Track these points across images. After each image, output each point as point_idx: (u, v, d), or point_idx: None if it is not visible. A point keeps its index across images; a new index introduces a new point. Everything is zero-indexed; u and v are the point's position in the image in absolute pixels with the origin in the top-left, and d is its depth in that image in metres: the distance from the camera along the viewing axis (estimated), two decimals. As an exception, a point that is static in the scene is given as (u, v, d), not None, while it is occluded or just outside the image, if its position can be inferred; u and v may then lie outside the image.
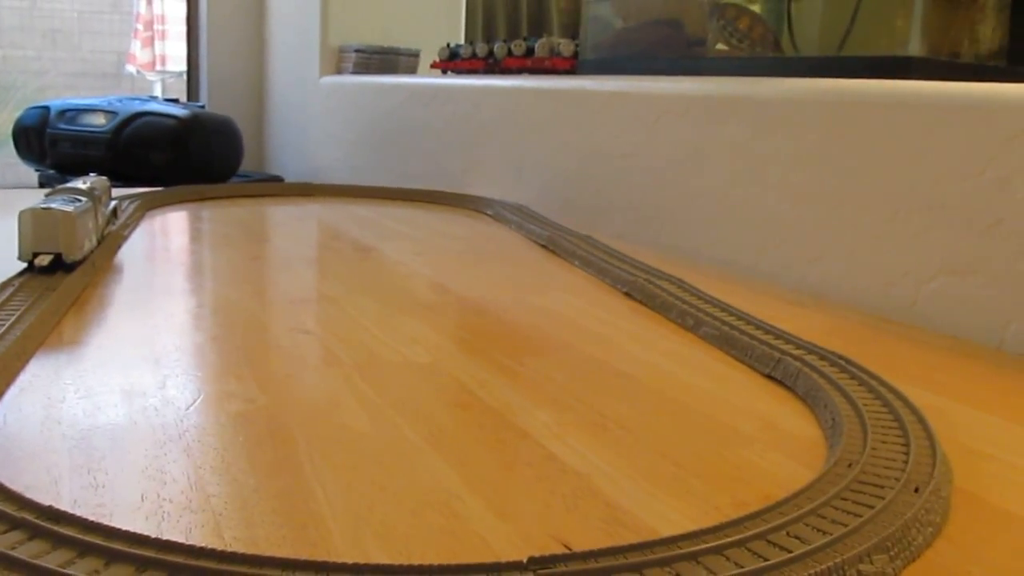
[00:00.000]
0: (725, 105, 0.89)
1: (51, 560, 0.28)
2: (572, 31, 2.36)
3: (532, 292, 0.75)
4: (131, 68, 4.39)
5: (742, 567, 0.29)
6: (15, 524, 0.30)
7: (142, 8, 4.20)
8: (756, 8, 1.04)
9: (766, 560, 0.30)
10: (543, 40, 1.32)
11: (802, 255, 0.80)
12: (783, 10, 1.01)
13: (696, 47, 1.09)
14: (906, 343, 0.64)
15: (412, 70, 1.93)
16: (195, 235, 0.99)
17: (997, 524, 0.37)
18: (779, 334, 0.59)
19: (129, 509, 0.34)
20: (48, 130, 1.99)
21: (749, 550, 0.31)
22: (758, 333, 0.60)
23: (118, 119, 1.92)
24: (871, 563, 0.31)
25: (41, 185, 2.01)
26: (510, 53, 1.36)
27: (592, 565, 0.29)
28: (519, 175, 1.22)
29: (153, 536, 0.30)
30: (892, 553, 0.32)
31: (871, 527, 0.33)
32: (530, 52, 1.33)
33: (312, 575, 0.28)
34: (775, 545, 0.31)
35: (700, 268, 0.86)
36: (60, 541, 0.29)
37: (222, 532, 0.32)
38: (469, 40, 1.98)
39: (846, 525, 0.33)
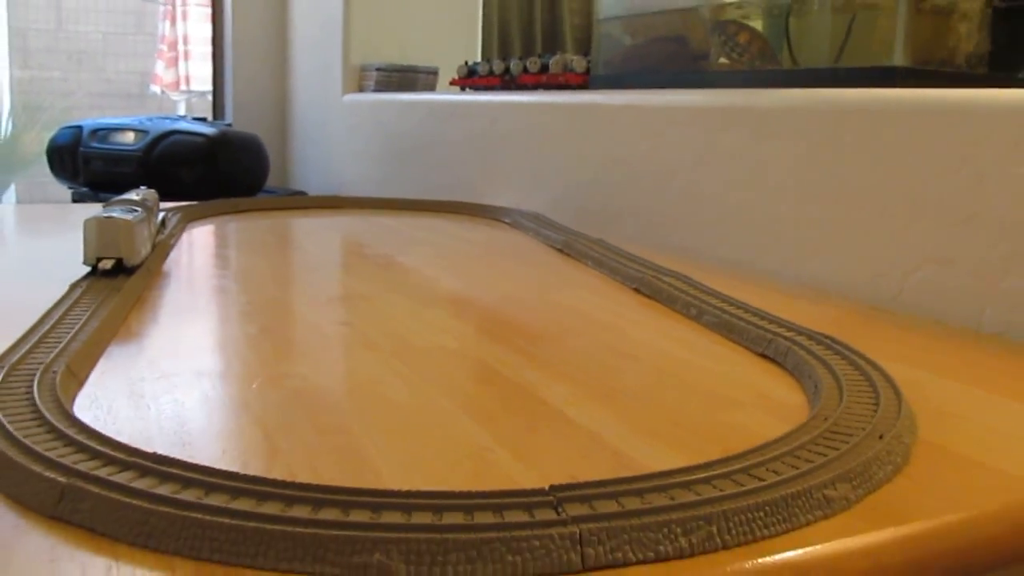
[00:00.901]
0: (726, 115, 0.95)
1: (162, 490, 0.35)
2: (584, 48, 2.44)
3: (549, 289, 0.82)
4: (155, 88, 4.49)
5: (724, 491, 0.36)
6: (127, 466, 0.37)
7: (166, 30, 4.30)
8: (756, 24, 1.11)
9: (744, 487, 0.36)
10: (557, 57, 1.39)
11: (799, 251, 0.86)
12: (782, 26, 1.07)
13: (700, 61, 1.16)
14: (891, 327, 0.70)
15: (431, 87, 2.01)
16: (235, 243, 1.06)
17: (955, 466, 0.43)
18: (773, 319, 0.66)
19: (213, 460, 0.41)
20: (81, 149, 2.06)
21: (733, 480, 0.37)
22: (754, 319, 0.66)
23: (149, 137, 1.99)
24: (835, 489, 0.38)
25: (75, 202, 2.08)
26: (525, 70, 1.43)
27: (601, 490, 0.35)
28: (535, 185, 1.29)
29: (241, 473, 0.36)
30: (855, 483, 0.39)
31: (837, 463, 0.39)
32: (544, 68, 1.40)
33: (370, 500, 0.34)
34: (755, 477, 0.38)
35: (705, 266, 0.92)
36: (166, 477, 0.36)
37: (295, 476, 0.39)
38: (486, 58, 2.06)
39: (815, 463, 0.39)
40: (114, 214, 0.76)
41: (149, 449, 0.40)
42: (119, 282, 0.72)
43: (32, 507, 0.35)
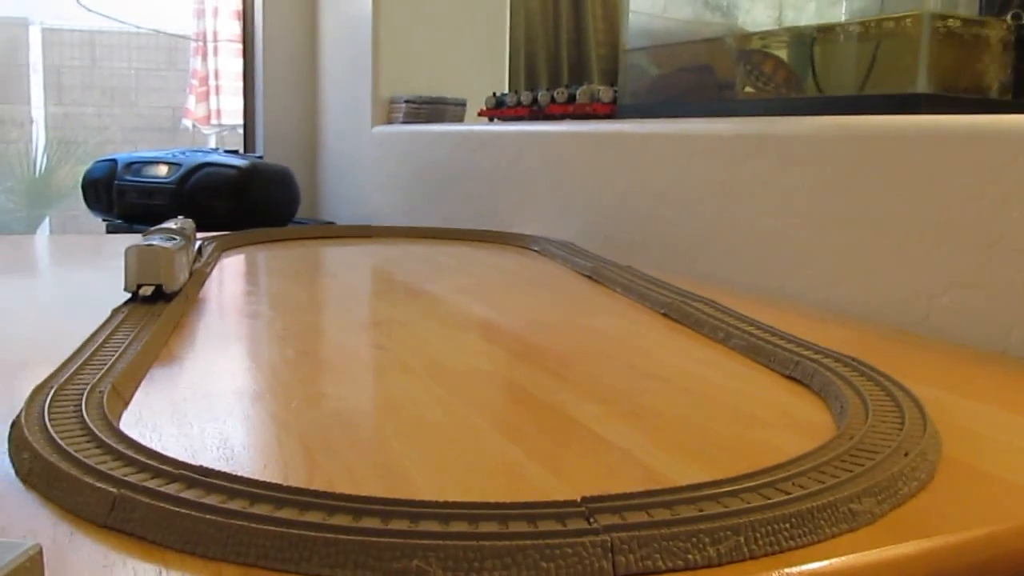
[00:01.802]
0: (752, 143, 0.97)
1: (209, 500, 0.36)
2: (610, 78, 2.46)
3: (578, 314, 0.83)
4: (187, 122, 4.55)
5: (751, 504, 0.37)
6: (175, 478, 0.39)
7: (198, 64, 4.37)
8: (782, 53, 1.12)
9: (771, 500, 0.37)
10: (584, 87, 1.41)
11: (824, 277, 0.87)
12: (807, 54, 1.09)
13: (726, 90, 1.17)
14: (917, 350, 0.71)
15: (459, 118, 2.03)
16: (269, 271, 1.08)
17: (980, 483, 0.44)
18: (800, 342, 0.67)
19: (255, 474, 0.42)
20: (116, 182, 2.10)
21: (760, 493, 0.38)
22: (781, 342, 0.67)
23: (182, 170, 2.03)
24: (860, 503, 0.38)
25: (109, 233, 2.12)
26: (553, 100, 1.45)
27: (632, 501, 0.36)
28: (563, 213, 1.31)
29: (284, 484, 0.38)
30: (880, 498, 0.39)
31: (862, 478, 0.40)
32: (572, 99, 1.42)
33: (409, 509, 0.35)
34: (781, 491, 0.39)
35: (732, 292, 0.93)
36: (213, 488, 0.37)
37: (334, 488, 0.40)
38: (513, 89, 2.08)
39: (841, 478, 0.40)
40: (154, 242, 0.78)
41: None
42: (158, 308, 0.74)
43: (85, 517, 0.37)
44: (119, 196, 2.08)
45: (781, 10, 1.14)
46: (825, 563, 0.35)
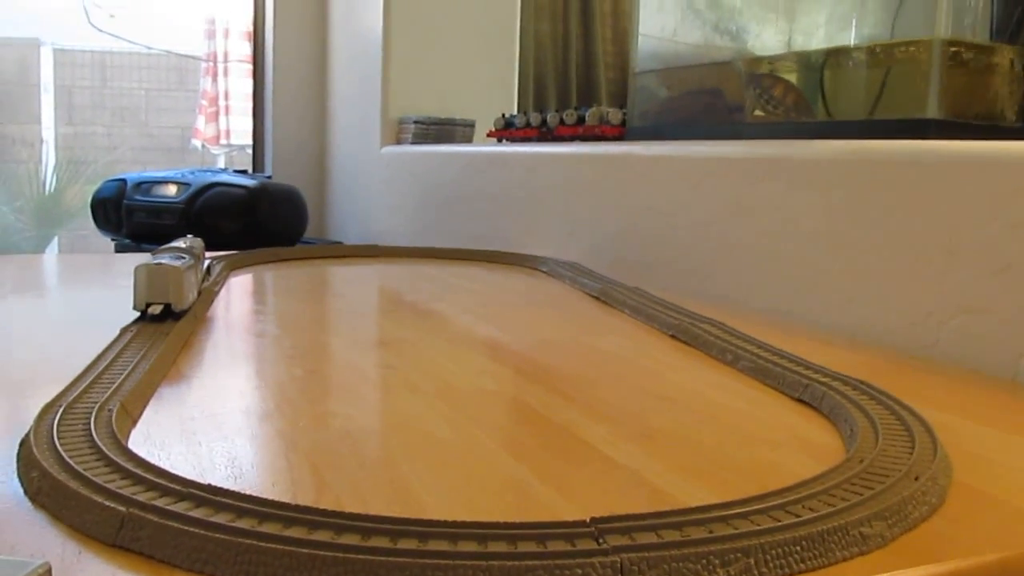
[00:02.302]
0: (762, 166, 0.97)
1: (217, 519, 0.36)
2: (619, 101, 2.47)
3: (586, 335, 0.83)
4: (196, 142, 4.57)
5: (761, 526, 0.37)
6: (183, 496, 0.38)
7: (207, 85, 4.39)
8: (791, 77, 1.12)
9: (781, 522, 0.37)
10: (593, 109, 1.41)
11: (834, 300, 0.87)
12: (817, 78, 1.09)
13: (735, 113, 1.17)
14: (926, 374, 0.71)
15: (468, 139, 2.04)
16: (277, 291, 1.08)
17: (991, 508, 0.44)
18: (809, 365, 0.67)
19: (263, 493, 0.42)
20: (125, 201, 2.10)
21: (770, 516, 0.38)
22: (790, 365, 0.67)
23: (191, 190, 2.03)
24: (871, 527, 0.38)
25: (118, 253, 2.12)
26: (562, 122, 1.45)
27: (641, 522, 0.36)
28: (572, 235, 1.31)
29: (293, 503, 0.38)
30: (890, 522, 0.39)
31: (873, 502, 0.40)
32: (581, 120, 1.42)
33: (417, 529, 0.35)
34: (791, 513, 0.39)
35: (741, 315, 0.93)
36: (221, 507, 0.37)
37: (343, 508, 0.40)
38: (522, 110, 2.09)
39: (851, 502, 0.40)
40: (163, 261, 0.78)
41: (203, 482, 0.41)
42: (167, 326, 0.75)
43: (94, 536, 0.37)
44: (128, 216, 2.08)
45: (791, 34, 1.14)
46: (836, 587, 0.35)
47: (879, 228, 0.83)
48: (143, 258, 0.80)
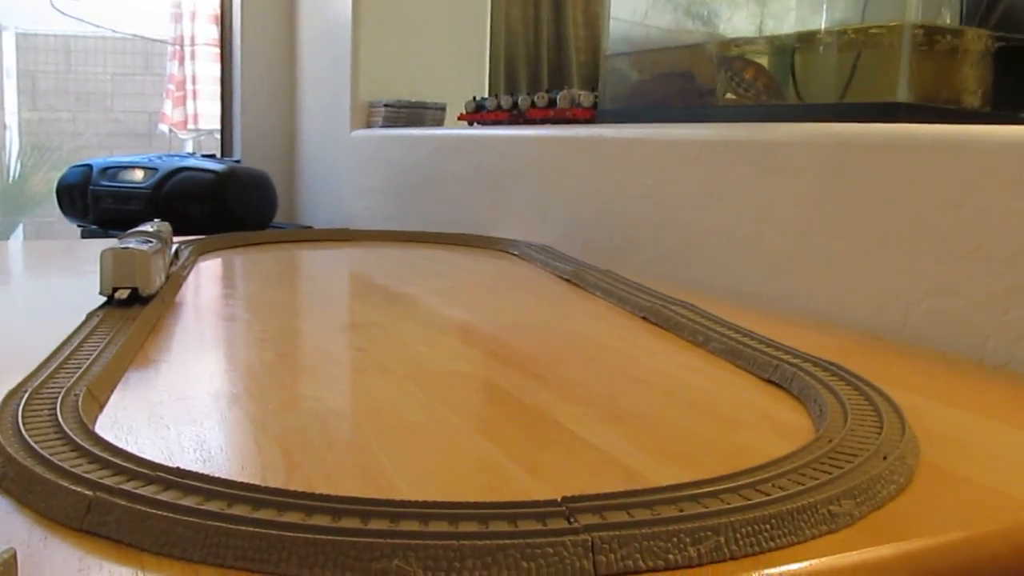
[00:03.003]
0: (732, 149, 0.97)
1: (186, 502, 0.36)
2: (590, 84, 2.46)
3: (558, 318, 0.83)
4: (163, 127, 4.53)
5: (731, 505, 0.37)
6: (151, 480, 0.38)
7: (174, 69, 4.35)
8: (763, 61, 1.13)
9: (751, 501, 0.37)
10: (564, 92, 1.41)
11: (804, 283, 0.88)
12: (787, 62, 1.09)
13: (706, 97, 1.18)
14: (894, 356, 0.71)
15: (439, 122, 2.03)
16: (246, 275, 1.07)
17: (958, 487, 0.44)
18: (779, 347, 0.67)
19: (233, 476, 0.42)
20: (91, 187, 2.08)
21: (740, 495, 0.38)
22: (760, 346, 0.67)
23: (158, 175, 2.01)
24: (839, 506, 0.38)
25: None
26: (533, 104, 1.45)
27: (612, 501, 0.36)
28: (543, 218, 1.31)
29: (263, 485, 0.37)
30: (859, 500, 0.40)
31: (841, 481, 0.40)
32: (552, 103, 1.42)
33: (388, 509, 0.35)
34: (761, 492, 0.39)
35: (711, 297, 0.93)
36: (189, 490, 0.37)
37: (313, 490, 0.40)
38: (493, 93, 2.08)
39: (820, 480, 0.40)
40: (130, 245, 0.77)
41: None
42: (135, 311, 0.74)
43: (60, 520, 0.37)
44: (94, 202, 2.06)
45: (762, 18, 1.14)
46: (805, 564, 0.35)
47: (849, 211, 0.83)
48: (110, 243, 0.79)
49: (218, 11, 2.61)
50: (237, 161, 2.34)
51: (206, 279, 1.02)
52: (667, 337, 0.76)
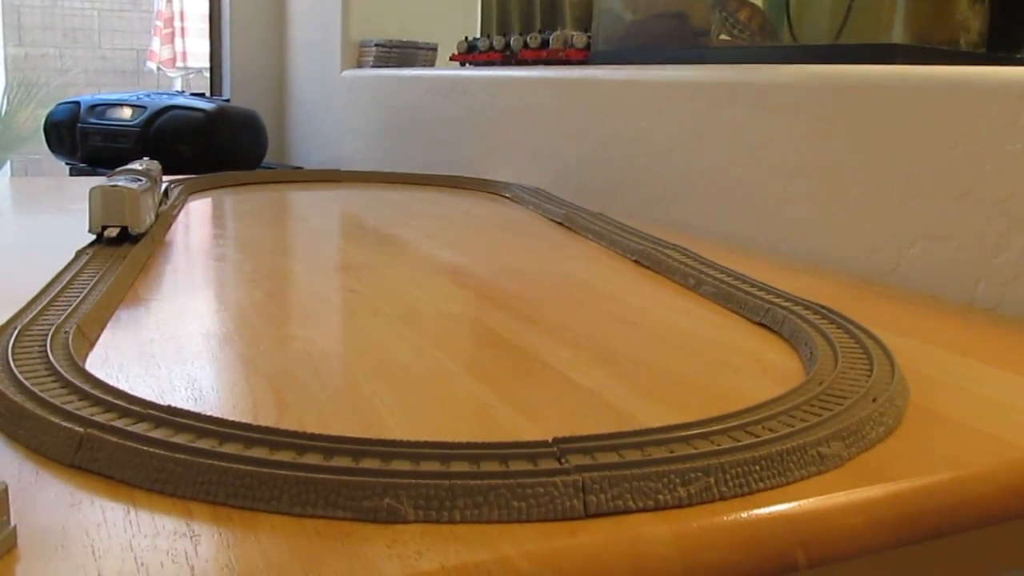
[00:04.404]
0: (726, 91, 0.96)
1: (177, 440, 0.36)
2: (584, 24, 2.44)
3: (550, 260, 0.83)
4: (152, 65, 4.48)
5: (721, 446, 0.37)
6: (143, 417, 0.38)
7: (162, 5, 4.29)
8: (757, 1, 1.11)
9: (741, 442, 0.38)
10: (557, 33, 1.39)
11: (796, 226, 0.88)
12: (782, 3, 1.08)
13: (700, 37, 1.16)
14: (886, 300, 0.71)
15: (430, 63, 2.01)
16: (237, 215, 1.07)
17: (945, 429, 0.44)
18: (770, 290, 0.67)
19: (224, 415, 0.42)
20: (79, 125, 2.06)
21: (730, 436, 0.38)
22: (752, 290, 0.67)
23: (147, 113, 1.99)
24: (828, 447, 0.39)
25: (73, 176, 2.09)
26: (526, 45, 1.43)
27: (603, 443, 0.36)
28: (535, 160, 1.30)
29: (254, 424, 0.37)
30: (848, 442, 0.40)
31: (831, 423, 0.40)
32: (545, 44, 1.41)
33: (380, 448, 0.35)
34: (751, 434, 0.39)
35: (704, 241, 0.93)
36: (181, 428, 0.37)
37: (305, 429, 0.40)
38: (486, 33, 2.06)
39: (809, 422, 0.40)
40: (119, 183, 0.77)
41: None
42: (124, 250, 0.73)
43: (52, 456, 0.37)
44: (82, 139, 2.04)
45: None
46: (793, 504, 0.36)
47: (842, 154, 0.83)
48: (98, 181, 0.79)
49: (206, -54, 2.56)
50: (227, 100, 2.32)
51: (196, 219, 1.01)
52: (659, 280, 0.76)
